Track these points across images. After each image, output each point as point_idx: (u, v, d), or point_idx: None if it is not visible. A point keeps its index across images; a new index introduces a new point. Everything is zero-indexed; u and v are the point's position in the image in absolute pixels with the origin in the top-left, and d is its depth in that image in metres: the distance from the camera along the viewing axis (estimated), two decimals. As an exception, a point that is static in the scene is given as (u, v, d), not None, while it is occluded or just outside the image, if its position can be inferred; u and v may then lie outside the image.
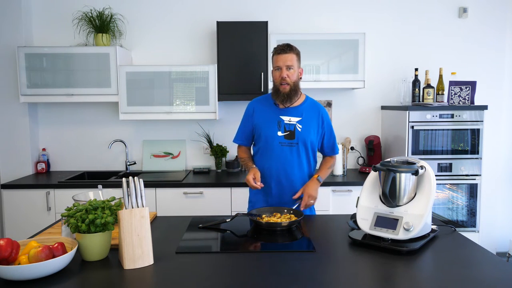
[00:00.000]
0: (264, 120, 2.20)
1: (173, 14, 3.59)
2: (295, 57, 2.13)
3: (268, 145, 2.18)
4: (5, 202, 3.11)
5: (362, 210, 1.72)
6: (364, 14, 3.61)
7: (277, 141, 2.16)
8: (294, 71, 2.13)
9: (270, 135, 2.17)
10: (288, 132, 2.15)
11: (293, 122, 2.15)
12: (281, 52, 2.11)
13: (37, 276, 1.31)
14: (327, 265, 1.47)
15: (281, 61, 2.11)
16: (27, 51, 3.25)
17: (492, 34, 3.64)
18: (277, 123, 2.17)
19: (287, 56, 2.10)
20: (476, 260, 1.52)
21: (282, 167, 2.17)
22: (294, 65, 2.13)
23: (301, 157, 2.18)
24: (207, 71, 3.27)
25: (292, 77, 2.12)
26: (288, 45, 2.14)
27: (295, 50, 2.14)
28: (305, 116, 2.17)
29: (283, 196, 2.20)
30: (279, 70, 2.13)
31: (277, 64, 2.13)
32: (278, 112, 2.19)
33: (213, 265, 1.49)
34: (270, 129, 2.17)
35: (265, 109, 2.22)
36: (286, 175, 2.18)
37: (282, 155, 2.16)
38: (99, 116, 3.65)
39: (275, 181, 2.19)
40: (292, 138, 2.15)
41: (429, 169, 1.68)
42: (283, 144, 2.15)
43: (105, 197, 1.95)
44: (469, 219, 3.31)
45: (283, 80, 2.11)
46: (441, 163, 3.23)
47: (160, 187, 3.10)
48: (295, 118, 2.16)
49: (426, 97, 3.37)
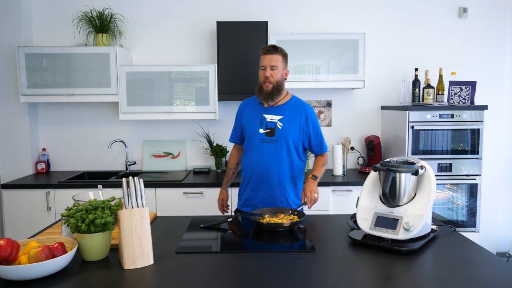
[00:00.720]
0: (250, 118, 2.33)
1: (173, 14, 3.59)
2: (280, 58, 2.23)
3: (251, 142, 2.29)
4: (5, 202, 3.11)
5: (362, 210, 1.72)
6: (364, 14, 3.61)
7: (258, 138, 2.26)
8: (278, 71, 2.23)
9: (253, 132, 2.28)
10: (269, 129, 2.25)
11: (274, 120, 2.25)
12: (266, 53, 2.22)
13: (37, 276, 1.31)
14: (327, 265, 1.47)
15: (266, 61, 2.22)
16: (27, 51, 3.25)
17: (492, 34, 3.64)
18: (260, 121, 2.28)
19: (272, 57, 2.21)
20: (476, 260, 1.52)
21: (261, 163, 2.26)
22: (279, 66, 2.23)
23: (280, 154, 2.24)
24: (207, 71, 3.27)
25: (275, 76, 2.22)
26: (274, 46, 2.24)
27: (280, 52, 2.25)
28: (287, 115, 2.26)
29: (261, 191, 2.28)
30: (264, 70, 2.23)
31: (262, 64, 2.24)
32: (262, 110, 2.30)
33: (213, 265, 1.49)
34: (253, 127, 2.29)
35: (252, 108, 2.35)
36: (265, 170, 2.25)
37: (262, 152, 2.25)
38: (99, 116, 3.65)
39: (255, 177, 2.28)
40: (272, 135, 2.24)
41: (429, 169, 1.68)
42: (264, 141, 2.25)
43: (105, 197, 1.95)
44: (469, 219, 3.31)
45: (266, 79, 2.21)
46: (441, 163, 3.23)
47: (160, 187, 3.10)
48: (277, 116, 2.26)
49: (426, 97, 3.37)
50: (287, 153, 2.25)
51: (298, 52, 3.28)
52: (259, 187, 2.28)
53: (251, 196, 2.32)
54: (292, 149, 2.25)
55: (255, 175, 2.28)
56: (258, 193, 2.28)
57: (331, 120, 3.70)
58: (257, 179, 2.28)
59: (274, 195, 2.26)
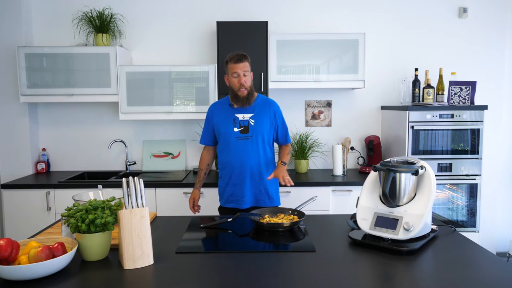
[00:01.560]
0: (222, 119, 2.48)
1: (173, 14, 3.59)
2: (248, 64, 2.40)
3: (227, 141, 2.46)
4: (5, 202, 3.11)
5: (362, 210, 1.72)
6: (364, 14, 3.61)
7: (233, 136, 2.43)
8: (249, 77, 2.41)
9: (228, 131, 2.44)
10: (243, 127, 2.44)
11: (246, 118, 2.44)
12: (237, 62, 2.35)
13: (37, 276, 1.31)
14: (327, 265, 1.47)
15: (239, 69, 2.36)
16: (27, 51, 3.25)
17: (492, 34, 3.64)
18: (233, 121, 2.44)
19: (244, 65, 2.37)
20: (476, 260, 1.52)
21: (240, 158, 2.43)
22: (248, 71, 2.40)
23: (256, 148, 2.44)
24: (207, 71, 3.27)
25: (248, 82, 2.40)
26: (243, 54, 2.39)
27: (248, 58, 2.40)
28: (257, 112, 2.46)
29: (243, 184, 2.45)
30: (237, 77, 2.37)
31: (235, 71, 2.37)
32: (233, 111, 2.46)
33: (213, 265, 1.49)
34: (227, 127, 2.45)
35: (222, 110, 2.51)
36: (244, 165, 2.43)
37: (239, 148, 2.43)
38: (99, 116, 3.65)
39: (236, 172, 2.45)
40: (247, 132, 2.43)
41: (429, 169, 1.68)
42: (240, 138, 2.43)
43: (105, 197, 1.95)
44: (469, 219, 3.31)
45: (242, 85, 2.37)
46: (441, 163, 3.23)
47: (160, 187, 3.10)
48: (248, 114, 2.45)
49: (426, 97, 3.37)
50: (262, 147, 2.46)
51: (298, 52, 3.28)
52: (242, 181, 2.45)
53: (234, 191, 2.47)
54: (265, 142, 2.47)
55: (236, 171, 2.45)
56: (241, 187, 2.45)
57: (331, 120, 3.70)
58: (239, 174, 2.44)
59: (256, 187, 2.46)
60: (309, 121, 3.70)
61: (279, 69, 3.29)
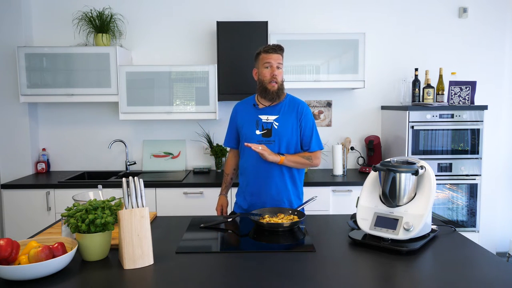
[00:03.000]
0: (245, 120, 2.25)
1: (173, 14, 3.59)
2: (282, 58, 2.19)
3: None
4: (5, 202, 3.11)
5: (362, 210, 1.72)
6: (364, 14, 3.61)
7: (255, 140, 2.18)
8: (282, 72, 2.20)
9: (249, 134, 2.21)
10: (265, 130, 2.19)
11: (270, 120, 2.19)
12: (272, 52, 2.15)
13: (37, 276, 1.31)
14: (327, 265, 1.47)
15: (272, 59, 2.15)
16: (27, 51, 3.25)
17: (492, 34, 3.64)
18: (256, 122, 2.21)
19: (278, 56, 2.16)
20: (476, 260, 1.52)
21: (260, 165, 2.17)
22: (282, 65, 2.19)
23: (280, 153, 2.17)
24: (207, 71, 3.27)
25: (280, 76, 2.18)
26: (280, 45, 2.18)
27: (283, 51, 2.20)
28: (282, 114, 2.20)
29: (261, 193, 2.20)
30: (270, 68, 2.15)
31: (267, 61, 2.15)
32: (257, 112, 2.23)
33: (213, 265, 1.49)
34: (249, 129, 2.21)
35: (246, 110, 2.28)
36: (263, 173, 2.18)
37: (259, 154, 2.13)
38: (99, 116, 3.65)
39: (254, 180, 2.21)
40: (269, 136, 2.17)
41: (429, 169, 1.68)
42: (261, 142, 2.17)
43: (105, 197, 1.95)
44: (469, 219, 3.31)
45: (273, 77, 2.14)
46: (441, 163, 3.23)
47: (160, 187, 3.10)
48: (273, 116, 2.20)
49: (426, 97, 3.37)
50: (286, 153, 2.19)
51: (298, 52, 3.28)
52: (260, 191, 2.20)
53: (252, 201, 2.23)
54: (291, 148, 2.20)
55: (254, 179, 2.21)
56: (259, 197, 2.21)
57: (331, 120, 3.70)
58: (256, 183, 2.20)
59: (276, 198, 2.20)
60: (309, 121, 3.70)
61: (279, 69, 3.29)
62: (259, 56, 2.20)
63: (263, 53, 2.17)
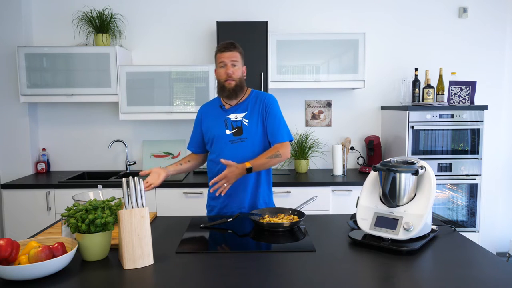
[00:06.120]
0: (212, 122, 2.19)
1: (173, 14, 3.59)
2: (239, 55, 2.13)
3: (219, 146, 2.16)
4: (5, 202, 3.11)
5: (362, 210, 1.72)
6: (364, 14, 3.61)
7: (226, 140, 2.14)
8: (239, 68, 2.13)
9: (219, 135, 2.15)
10: (236, 129, 2.14)
11: (239, 118, 2.15)
12: (225, 50, 2.10)
13: (37, 276, 1.31)
14: (327, 265, 1.47)
15: (226, 58, 2.10)
16: (27, 51, 3.25)
17: (492, 34, 3.64)
18: (224, 122, 2.16)
19: (232, 54, 2.10)
20: (476, 260, 1.52)
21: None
22: (239, 62, 2.13)
23: (252, 151, 2.12)
24: (207, 71, 3.27)
25: (237, 73, 2.12)
26: (232, 42, 2.14)
27: (239, 48, 2.14)
28: (250, 110, 2.16)
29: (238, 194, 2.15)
30: (224, 67, 2.11)
31: (221, 60, 2.11)
32: (224, 112, 2.18)
33: (213, 265, 1.49)
34: (218, 129, 2.16)
35: (212, 112, 2.22)
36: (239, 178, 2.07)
37: (233, 153, 2.11)
38: (99, 116, 3.65)
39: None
40: (240, 133, 2.13)
41: (429, 169, 1.68)
42: (233, 141, 2.13)
43: (105, 197, 1.95)
44: (469, 219, 3.31)
45: (229, 76, 2.09)
46: (441, 163, 3.23)
47: (160, 187, 3.10)
48: (241, 114, 2.16)
49: (426, 97, 3.37)
50: (258, 150, 2.12)
51: (298, 52, 3.28)
52: (236, 191, 2.13)
53: (228, 203, 2.17)
54: (262, 144, 2.15)
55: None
56: (235, 198, 2.15)
57: (331, 120, 3.70)
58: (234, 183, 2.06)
59: (253, 198, 2.16)
60: (309, 121, 3.70)
61: (279, 69, 3.29)
62: (216, 56, 2.15)
63: (217, 53, 2.14)
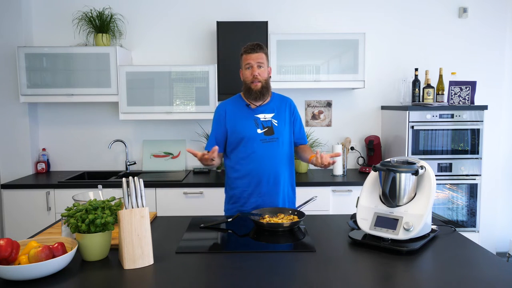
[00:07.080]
0: (239, 120, 2.17)
1: (173, 14, 3.59)
2: (264, 56, 2.15)
3: (249, 146, 2.15)
4: (5, 202, 3.11)
5: (362, 210, 1.72)
6: (364, 14, 3.61)
7: (258, 139, 2.14)
8: (265, 70, 2.15)
9: (249, 134, 2.14)
10: (266, 128, 2.16)
11: (268, 119, 2.17)
12: (251, 52, 2.12)
13: (37, 276, 1.31)
14: (327, 265, 1.47)
15: (252, 60, 2.12)
16: (27, 51, 3.25)
17: (492, 34, 3.64)
18: (254, 122, 2.16)
19: (258, 55, 2.12)
20: (476, 260, 1.52)
21: (269, 164, 2.15)
22: (264, 64, 2.15)
23: (283, 151, 2.18)
24: (207, 71, 3.27)
25: (263, 75, 2.14)
26: (258, 44, 2.15)
27: (264, 49, 2.16)
28: (277, 111, 2.21)
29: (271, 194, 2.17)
30: (250, 69, 2.13)
31: (247, 62, 2.13)
32: (251, 111, 2.19)
33: (213, 265, 1.49)
34: (249, 129, 2.15)
35: (238, 110, 2.20)
36: (273, 171, 2.16)
37: (266, 153, 2.14)
38: (99, 116, 3.65)
39: (265, 180, 2.16)
40: (271, 133, 2.15)
41: (429, 169, 1.68)
42: (264, 141, 2.14)
43: (105, 197, 1.95)
44: (469, 219, 3.31)
45: (255, 78, 2.11)
46: (441, 163, 3.23)
47: (160, 187, 3.10)
48: (269, 114, 2.19)
49: (426, 97, 3.37)
50: (288, 150, 2.21)
51: (298, 52, 3.28)
52: (271, 190, 2.17)
53: (261, 203, 2.17)
54: (289, 144, 2.22)
55: (265, 179, 2.15)
56: (270, 197, 2.17)
57: (331, 120, 3.70)
58: (268, 183, 2.15)
59: (283, 196, 2.20)
60: (309, 121, 3.70)
61: (279, 69, 3.29)
62: (241, 57, 2.18)
63: (244, 54, 2.16)
